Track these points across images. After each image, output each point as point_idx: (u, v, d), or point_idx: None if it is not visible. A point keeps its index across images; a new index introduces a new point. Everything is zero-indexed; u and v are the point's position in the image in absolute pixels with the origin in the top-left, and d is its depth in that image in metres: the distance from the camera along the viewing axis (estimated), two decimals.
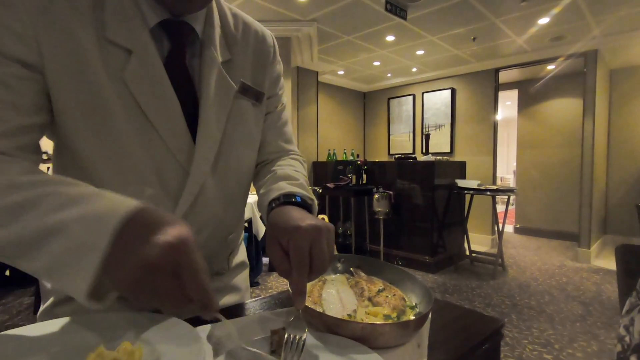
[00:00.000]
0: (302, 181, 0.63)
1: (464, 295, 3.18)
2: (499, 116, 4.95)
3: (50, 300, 0.62)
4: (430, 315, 0.60)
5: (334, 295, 0.68)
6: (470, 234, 4.19)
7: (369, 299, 0.70)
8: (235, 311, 0.66)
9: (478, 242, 4.81)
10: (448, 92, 5.31)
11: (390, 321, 0.56)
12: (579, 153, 4.23)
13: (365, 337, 0.52)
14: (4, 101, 0.43)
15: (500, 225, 3.71)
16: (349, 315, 0.59)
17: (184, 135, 0.55)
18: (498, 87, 4.88)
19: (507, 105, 7.72)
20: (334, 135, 5.89)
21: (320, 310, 0.60)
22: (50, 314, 0.61)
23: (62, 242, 0.36)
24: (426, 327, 0.59)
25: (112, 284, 0.36)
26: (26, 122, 0.46)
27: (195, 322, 0.55)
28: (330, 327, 0.55)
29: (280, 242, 0.48)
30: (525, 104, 5.62)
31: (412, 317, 0.60)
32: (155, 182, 0.54)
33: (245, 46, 0.65)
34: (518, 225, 5.83)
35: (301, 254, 0.45)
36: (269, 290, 3.30)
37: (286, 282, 0.53)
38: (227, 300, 0.78)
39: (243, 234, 0.86)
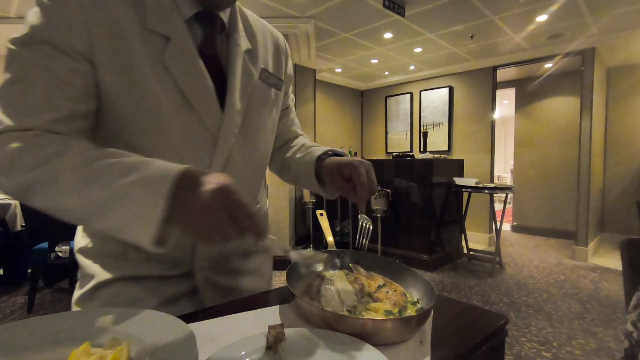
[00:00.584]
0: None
1: (462, 294, 3.17)
2: (496, 115, 4.94)
3: (92, 283, 0.65)
4: (432, 311, 0.58)
5: (333, 291, 0.66)
6: (467, 232, 4.18)
7: (369, 295, 0.68)
8: (259, 300, 0.65)
9: (475, 240, 4.81)
10: (446, 90, 5.30)
11: (391, 317, 0.54)
12: (576, 151, 4.23)
13: (366, 333, 0.49)
14: (57, 91, 0.51)
15: (498, 224, 3.70)
16: (349, 312, 0.57)
17: (216, 109, 0.62)
18: (496, 85, 4.88)
19: (505, 103, 7.72)
20: (331, 133, 5.87)
21: (319, 307, 0.58)
22: (91, 297, 0.65)
23: (127, 203, 0.44)
24: (429, 323, 0.57)
25: (183, 231, 0.44)
26: (78, 109, 0.53)
27: (189, 319, 0.53)
28: (330, 323, 0.52)
29: (342, 173, 0.67)
30: (522, 102, 5.62)
31: (414, 313, 0.58)
32: (189, 153, 0.60)
33: (264, 39, 0.75)
34: (515, 224, 5.84)
35: (362, 176, 0.63)
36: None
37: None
38: (252, 284, 0.79)
39: (265, 207, 0.91)
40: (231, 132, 0.63)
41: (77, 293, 0.68)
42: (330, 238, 0.90)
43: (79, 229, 0.73)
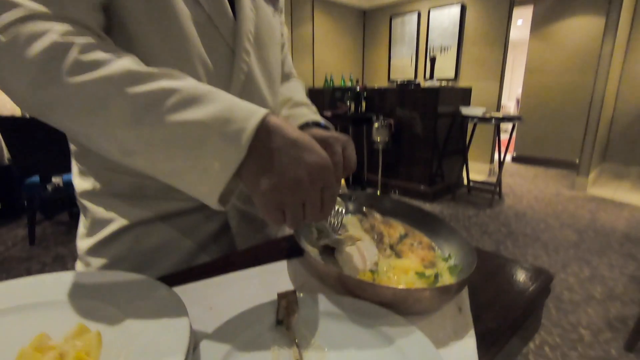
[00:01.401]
0: (315, 108, 0.73)
1: (460, 224, 3.21)
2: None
3: (107, 231, 0.57)
4: None
5: (349, 245, 0.57)
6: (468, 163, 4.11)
7: (391, 247, 0.60)
8: (263, 252, 0.55)
9: (475, 170, 4.77)
10: (457, 8, 4.80)
11: (424, 281, 0.45)
12: (590, 78, 3.98)
13: (396, 303, 0.41)
14: None
15: (502, 155, 3.62)
16: (372, 272, 0.48)
17: (228, 14, 0.56)
18: (514, 2, 4.40)
19: (518, 25, 7.13)
20: (330, 58, 5.46)
21: (336, 269, 0.49)
22: (107, 246, 0.58)
23: (198, 147, 0.36)
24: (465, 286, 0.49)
25: (259, 201, 0.38)
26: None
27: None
28: (352, 290, 0.44)
29: None
30: (539, 23, 5.14)
31: (448, 273, 0.49)
32: (207, 60, 0.54)
33: None
34: (515, 154, 5.77)
35: (337, 154, 0.51)
36: None
37: None
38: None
39: None
40: (245, 36, 0.58)
41: (87, 241, 0.60)
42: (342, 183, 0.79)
43: (75, 168, 0.62)
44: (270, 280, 0.51)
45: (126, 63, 0.38)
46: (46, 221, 3.21)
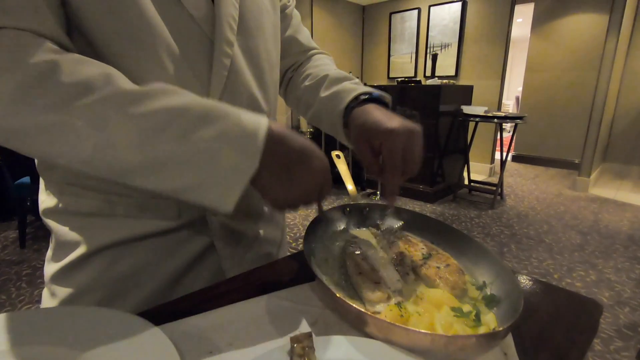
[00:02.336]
0: (357, 79, 0.63)
1: (463, 226, 3.15)
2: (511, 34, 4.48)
3: (75, 254, 0.50)
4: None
5: (365, 266, 0.50)
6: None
7: (413, 270, 0.53)
8: (267, 273, 0.48)
9: (475, 170, 4.72)
10: (458, 5, 4.72)
11: (463, 320, 0.38)
12: (592, 77, 3.93)
13: (432, 350, 0.34)
14: None
15: (504, 155, 3.56)
16: (398, 306, 0.41)
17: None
18: None
19: (518, 23, 7.06)
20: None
21: (357, 306, 0.42)
22: (75, 271, 0.51)
23: (212, 163, 0.36)
24: None
25: (268, 198, 0.41)
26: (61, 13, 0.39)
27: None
28: (377, 332, 0.37)
29: (371, 143, 0.51)
30: (540, 20, 5.08)
31: (484, 306, 0.42)
32: (176, 52, 0.46)
33: None
34: (515, 153, 5.72)
35: (396, 157, 0.47)
36: None
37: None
38: (267, 232, 0.67)
39: None
40: (227, 24, 0.49)
41: (54, 267, 0.52)
42: (350, 186, 0.72)
43: (42, 183, 0.55)
44: (279, 313, 0.44)
45: (115, 81, 0.36)
46: (38, 223, 3.12)
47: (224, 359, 0.36)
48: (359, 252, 0.53)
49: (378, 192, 3.89)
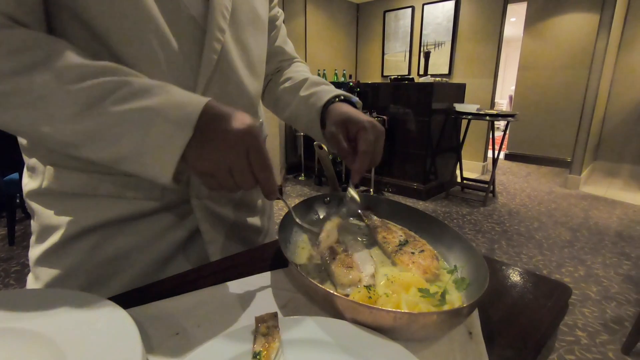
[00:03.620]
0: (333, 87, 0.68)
1: (454, 222, 3.17)
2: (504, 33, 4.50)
3: (56, 237, 0.51)
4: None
5: (340, 252, 0.50)
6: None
7: (387, 256, 0.53)
8: (244, 260, 0.48)
9: (468, 168, 4.74)
10: (451, 3, 4.74)
11: (429, 300, 0.38)
12: (583, 76, 3.96)
13: (397, 329, 0.34)
14: None
15: (496, 152, 3.58)
16: (367, 288, 0.41)
17: None
18: None
19: (511, 22, 7.11)
20: (323, 53, 5.36)
21: (327, 288, 0.42)
22: (59, 255, 0.51)
23: (143, 132, 0.38)
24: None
25: (192, 166, 0.40)
26: None
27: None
28: (343, 312, 0.37)
29: (348, 130, 0.57)
30: (533, 19, 5.11)
31: (455, 289, 0.43)
32: (170, 41, 0.47)
33: None
34: (508, 152, 5.76)
35: (369, 145, 0.54)
36: None
37: None
38: (254, 221, 0.69)
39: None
40: (221, 17, 0.51)
41: (38, 250, 0.53)
42: (331, 172, 0.73)
43: (25, 166, 0.55)
44: (250, 297, 0.44)
45: (66, 56, 0.38)
46: (28, 220, 3.09)
47: (190, 340, 0.36)
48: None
49: (371, 189, 3.90)
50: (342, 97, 0.64)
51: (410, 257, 0.50)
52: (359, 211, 0.66)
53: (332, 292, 0.37)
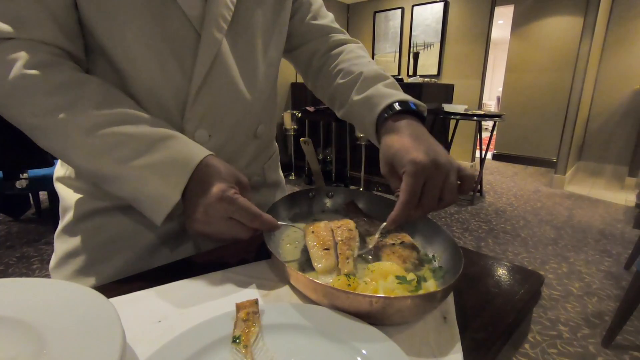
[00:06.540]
0: (392, 78, 0.60)
1: (442, 221, 3.21)
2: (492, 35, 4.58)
3: (69, 217, 0.57)
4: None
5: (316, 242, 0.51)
6: None
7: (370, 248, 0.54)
8: (231, 253, 0.48)
9: None
10: (440, 5, 4.80)
11: (405, 286, 0.39)
12: (569, 78, 4.05)
13: (374, 313, 0.36)
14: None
15: (484, 152, 3.64)
16: (347, 277, 0.42)
17: None
18: (495, 0, 4.44)
19: (499, 24, 7.21)
20: None
21: (307, 276, 0.43)
22: (70, 233, 0.57)
23: (140, 186, 0.44)
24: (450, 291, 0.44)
25: (189, 228, 0.45)
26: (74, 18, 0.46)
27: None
28: (323, 297, 0.38)
29: (395, 169, 0.48)
30: (520, 22, 5.21)
31: (432, 277, 0.44)
32: (165, 47, 0.49)
33: None
34: (495, 152, 5.85)
35: (410, 195, 0.44)
36: None
37: None
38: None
39: (276, 145, 0.79)
40: (216, 24, 0.50)
41: (59, 226, 0.60)
42: (315, 167, 0.74)
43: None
44: (233, 287, 0.45)
45: (88, 102, 0.44)
46: (11, 220, 3.03)
47: (172, 326, 0.37)
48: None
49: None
50: (400, 108, 0.53)
51: (391, 248, 0.51)
52: (344, 205, 0.67)
53: (311, 279, 0.38)
